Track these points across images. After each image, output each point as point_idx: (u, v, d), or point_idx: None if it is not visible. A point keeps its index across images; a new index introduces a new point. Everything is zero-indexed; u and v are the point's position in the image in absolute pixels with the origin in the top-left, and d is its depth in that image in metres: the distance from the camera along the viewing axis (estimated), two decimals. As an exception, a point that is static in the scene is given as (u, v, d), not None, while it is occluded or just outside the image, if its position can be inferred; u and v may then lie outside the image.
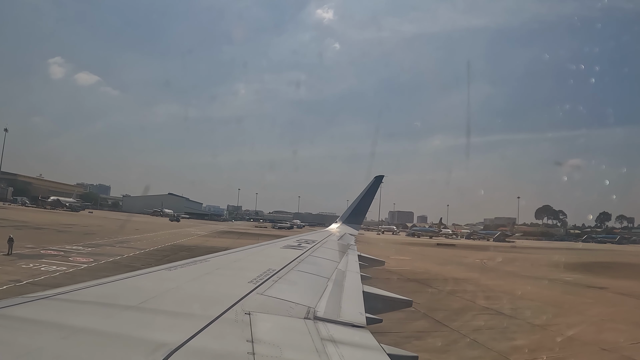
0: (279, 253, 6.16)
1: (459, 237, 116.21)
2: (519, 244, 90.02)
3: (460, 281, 24.44)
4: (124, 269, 20.00)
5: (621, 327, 14.35)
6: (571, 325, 14.42)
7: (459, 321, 14.44)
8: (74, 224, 51.19)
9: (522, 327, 14.08)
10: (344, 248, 8.32)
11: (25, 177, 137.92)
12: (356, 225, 15.22)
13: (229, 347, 2.06)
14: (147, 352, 1.81)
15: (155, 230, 52.52)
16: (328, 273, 4.69)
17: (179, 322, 2.29)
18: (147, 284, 3.16)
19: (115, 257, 23.63)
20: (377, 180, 15.01)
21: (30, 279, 16.42)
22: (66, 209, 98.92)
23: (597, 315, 16.23)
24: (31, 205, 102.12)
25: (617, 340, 12.75)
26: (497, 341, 12.33)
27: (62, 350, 1.79)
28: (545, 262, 41.85)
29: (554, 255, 52.78)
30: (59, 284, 15.26)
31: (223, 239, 47.26)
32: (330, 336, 2.43)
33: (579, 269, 35.43)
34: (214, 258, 4.71)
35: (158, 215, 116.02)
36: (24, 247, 24.33)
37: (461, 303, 17.87)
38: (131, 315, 2.34)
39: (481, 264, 37.37)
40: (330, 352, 2.18)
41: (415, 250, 52.66)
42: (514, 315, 15.81)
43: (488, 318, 15.35)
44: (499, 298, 19.50)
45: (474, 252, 53.40)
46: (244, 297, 2.91)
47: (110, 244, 31.19)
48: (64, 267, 19.11)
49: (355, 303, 3.53)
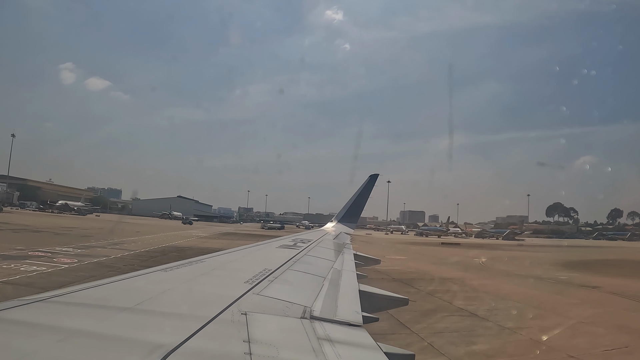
0: (274, 253, 6.10)
1: (469, 235, 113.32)
2: (527, 242, 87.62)
3: (447, 281, 23.07)
4: (103, 269, 19.46)
5: (599, 331, 12.88)
6: (545, 328, 13.01)
7: (423, 323, 13.17)
8: (74, 227, 50.20)
9: (489, 330, 12.74)
10: (340, 247, 8.14)
11: (35, 182, 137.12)
12: (352, 225, 14.93)
13: (226, 348, 2.00)
14: (144, 353, 1.74)
15: (156, 232, 51.79)
16: (324, 272, 4.59)
17: (176, 323, 2.23)
18: (143, 286, 3.09)
19: (100, 258, 22.93)
20: (372, 179, 14.82)
21: (5, 278, 15.65)
22: (74, 213, 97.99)
23: (578, 317, 14.75)
24: (39, 210, 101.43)
25: (590, 345, 11.31)
26: (455, 345, 11.11)
27: (59, 353, 1.72)
28: (546, 260, 40.08)
29: (558, 253, 50.72)
30: (31, 283, 14.33)
31: (222, 240, 46.28)
32: (326, 335, 2.36)
33: (579, 267, 33.67)
34: (210, 259, 4.62)
35: (166, 217, 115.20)
36: (13, 249, 23.77)
37: (436, 304, 16.48)
38: (127, 317, 2.27)
39: (478, 263, 35.87)
40: (327, 351, 2.11)
41: (416, 250, 51.14)
42: (487, 317, 14.44)
43: (457, 320, 14.04)
44: (480, 299, 18.09)
45: (476, 251, 51.77)
46: (240, 297, 2.84)
47: (103, 245, 30.53)
48: (43, 268, 18.48)
49: (351, 302, 3.43)
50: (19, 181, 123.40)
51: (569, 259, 41.52)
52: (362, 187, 14.77)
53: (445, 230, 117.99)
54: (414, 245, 61.32)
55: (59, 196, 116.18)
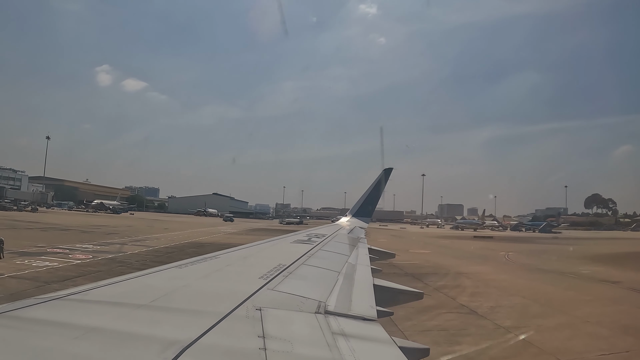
0: (289, 248, 5.94)
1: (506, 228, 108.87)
2: (563, 235, 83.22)
3: (461, 276, 22.03)
4: (114, 265, 19.75)
5: (602, 332, 11.72)
6: (543, 328, 11.98)
7: (414, 321, 12.32)
8: (103, 225, 50.59)
9: (481, 330, 11.85)
10: (354, 241, 7.85)
11: (72, 182, 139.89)
12: (366, 219, 14.43)
13: (241, 343, 1.93)
14: (159, 350, 1.69)
15: (185, 229, 52.07)
16: (338, 267, 4.43)
17: (190, 320, 2.18)
18: (157, 283, 3.03)
19: (115, 255, 23.38)
20: (386, 172, 14.28)
21: (14, 273, 16.13)
22: (109, 212, 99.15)
23: (585, 315, 13.52)
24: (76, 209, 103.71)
25: (585, 349, 10.21)
26: (437, 345, 10.26)
27: (75, 350, 1.68)
28: (575, 254, 37.81)
29: (590, 246, 47.70)
30: (37, 278, 14.65)
31: (248, 236, 45.83)
32: (341, 330, 2.26)
33: (606, 260, 31.45)
34: (224, 255, 4.50)
35: (202, 215, 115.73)
36: (33, 246, 24.27)
37: (438, 300, 15.62)
38: (143, 314, 2.24)
39: (502, 257, 34.02)
40: (342, 345, 2.02)
41: (444, 244, 49.54)
42: (486, 314, 13.53)
43: (452, 318, 13.19)
44: (487, 295, 17.08)
45: (506, 245, 49.58)
46: (255, 293, 2.77)
47: (124, 242, 31.04)
48: (55, 264, 18.97)
49: (365, 296, 3.28)
50: (56, 182, 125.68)
51: (599, 252, 38.98)
52: (376, 182, 14.24)
53: (481, 223, 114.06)
54: (444, 239, 59.49)
55: (95, 196, 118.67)
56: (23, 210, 78.63)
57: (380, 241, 48.64)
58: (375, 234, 66.98)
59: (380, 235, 64.88)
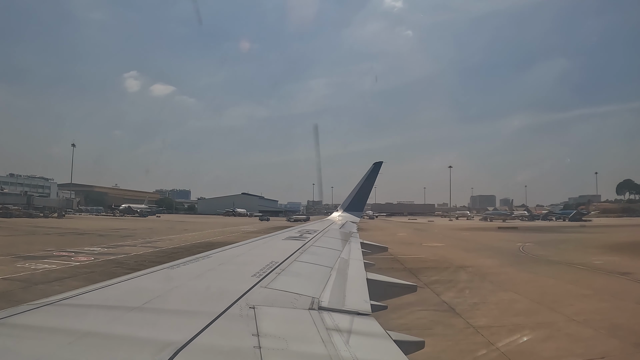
0: (280, 245, 5.81)
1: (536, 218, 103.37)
2: (593, 223, 77.89)
3: (461, 270, 20.50)
4: (110, 265, 19.35)
5: (584, 333, 9.95)
6: (519, 328, 10.38)
7: (382, 318, 10.70)
8: (123, 228, 48.93)
9: (448, 330, 10.38)
10: (346, 236, 7.64)
11: (101, 187, 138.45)
12: (358, 213, 14.13)
13: (235, 343, 1.84)
14: (153, 352, 1.60)
15: (206, 229, 50.60)
16: (331, 262, 4.29)
17: (184, 320, 2.08)
18: (150, 284, 2.89)
19: (118, 256, 22.90)
20: (375, 166, 13.90)
21: (8, 275, 15.96)
22: (136, 215, 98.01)
23: (574, 313, 11.68)
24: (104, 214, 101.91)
25: (555, 354, 8.59)
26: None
27: (69, 356, 1.59)
28: (596, 243, 34.89)
29: (615, 234, 44.07)
30: (29, 279, 14.24)
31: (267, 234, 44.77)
32: (335, 325, 2.15)
33: (624, 250, 28.72)
34: (216, 254, 4.35)
35: (230, 215, 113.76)
36: (42, 250, 23.92)
37: (421, 296, 14.06)
38: (136, 316, 2.12)
39: (517, 249, 31.32)
40: (336, 341, 1.91)
41: (463, 236, 46.85)
42: (463, 312, 12.06)
43: (424, 316, 11.70)
44: (477, 290, 15.56)
45: (529, 235, 46.61)
46: (248, 291, 2.63)
47: (134, 244, 30.33)
48: (53, 266, 18.59)
49: (359, 291, 3.15)
50: (85, 188, 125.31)
51: (620, 241, 35.88)
52: (366, 176, 13.84)
53: (510, 213, 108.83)
54: (466, 231, 56.52)
55: (124, 200, 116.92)
56: (49, 216, 77.14)
57: (400, 235, 46.80)
58: (398, 228, 64.90)
59: (403, 229, 62.70)
